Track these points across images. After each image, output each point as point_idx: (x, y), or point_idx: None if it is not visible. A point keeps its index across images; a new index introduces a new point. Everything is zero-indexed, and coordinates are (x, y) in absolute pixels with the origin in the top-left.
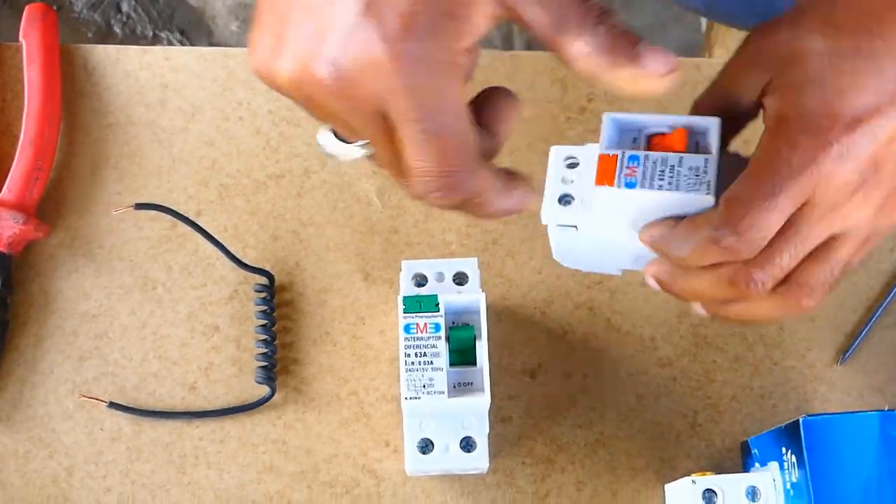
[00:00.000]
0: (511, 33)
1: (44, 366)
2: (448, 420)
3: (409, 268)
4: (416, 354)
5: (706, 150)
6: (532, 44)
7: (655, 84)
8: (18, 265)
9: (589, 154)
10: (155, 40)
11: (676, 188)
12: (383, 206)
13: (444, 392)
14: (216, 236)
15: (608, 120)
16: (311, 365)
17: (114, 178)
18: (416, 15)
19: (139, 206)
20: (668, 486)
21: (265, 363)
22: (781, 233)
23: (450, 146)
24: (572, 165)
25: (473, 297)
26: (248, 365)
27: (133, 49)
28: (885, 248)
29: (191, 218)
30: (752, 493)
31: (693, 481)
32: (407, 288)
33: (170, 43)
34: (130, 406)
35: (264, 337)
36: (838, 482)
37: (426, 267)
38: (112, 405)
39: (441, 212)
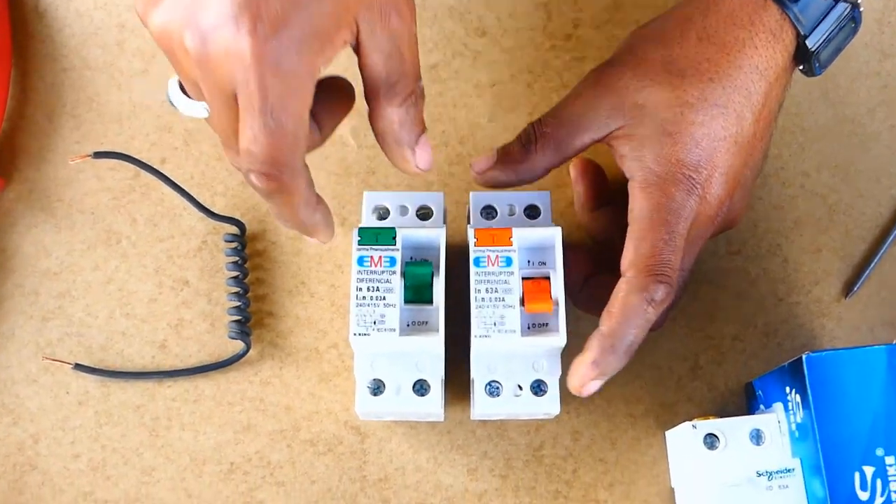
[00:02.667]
0: None
1: (4, 328)
2: (401, 361)
3: (370, 199)
4: (368, 289)
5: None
6: None
7: (415, 172)
8: None
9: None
10: None
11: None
12: (359, 146)
13: (395, 329)
14: (182, 185)
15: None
16: (287, 317)
17: (71, 125)
18: (288, 23)
19: (99, 155)
20: (669, 433)
21: (239, 317)
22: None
23: (283, 144)
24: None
25: (433, 231)
26: (221, 320)
27: None
28: (895, 172)
29: (154, 166)
30: (757, 436)
31: (693, 426)
32: (367, 220)
33: None
34: (97, 367)
35: (237, 289)
36: (845, 421)
37: (389, 199)
38: (78, 367)
39: None
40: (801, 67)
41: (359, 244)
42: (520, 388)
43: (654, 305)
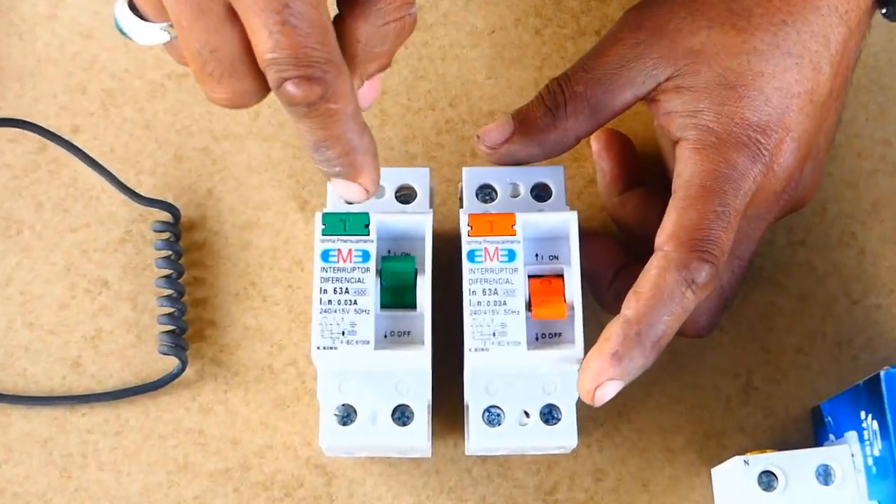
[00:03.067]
0: None
1: None
2: (377, 381)
3: None
4: (335, 291)
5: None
6: None
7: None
8: None
9: None
10: None
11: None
12: None
13: (369, 342)
14: (99, 160)
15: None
16: (232, 328)
17: None
18: None
19: None
20: (715, 471)
21: (172, 327)
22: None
23: (313, 33)
24: None
25: (417, 217)
26: (150, 331)
27: None
28: None
29: (65, 136)
30: (825, 473)
31: (746, 462)
32: (334, 204)
33: None
34: None
35: (169, 292)
36: None
37: None
38: None
39: (401, 115)
40: (883, 11)
41: (323, 234)
42: (526, 415)
43: (694, 289)
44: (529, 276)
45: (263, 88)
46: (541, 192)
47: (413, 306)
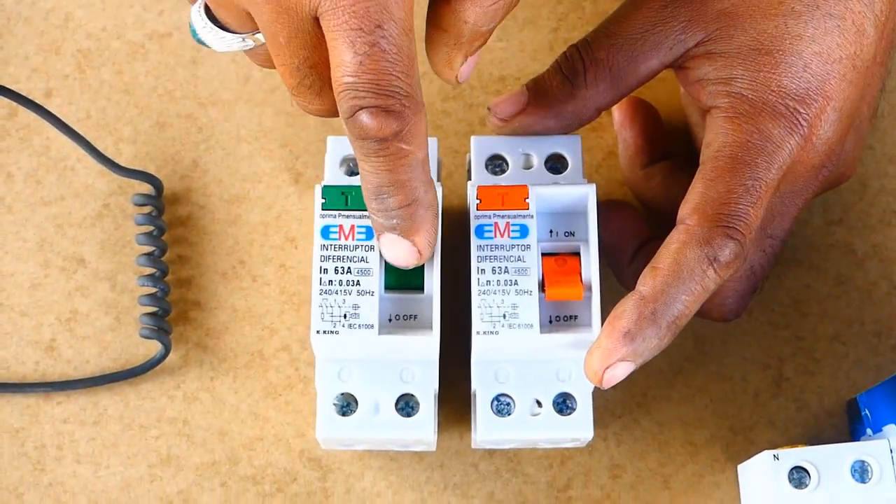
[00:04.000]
0: None
1: None
2: (380, 369)
3: (336, 147)
4: (336, 270)
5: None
6: None
7: (453, 82)
8: None
9: None
10: None
11: None
12: None
13: (373, 326)
14: (75, 126)
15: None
16: (219, 310)
17: None
18: None
19: None
20: (742, 467)
21: (154, 309)
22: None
23: (399, 61)
24: None
25: None
26: (130, 312)
27: None
28: None
29: (37, 101)
30: (861, 469)
31: (776, 457)
32: (333, 176)
33: None
34: None
35: (151, 271)
36: None
37: None
38: None
39: None
40: None
41: (323, 208)
42: (539, 404)
43: (716, 268)
44: (543, 254)
45: None
46: (556, 164)
47: (420, 288)
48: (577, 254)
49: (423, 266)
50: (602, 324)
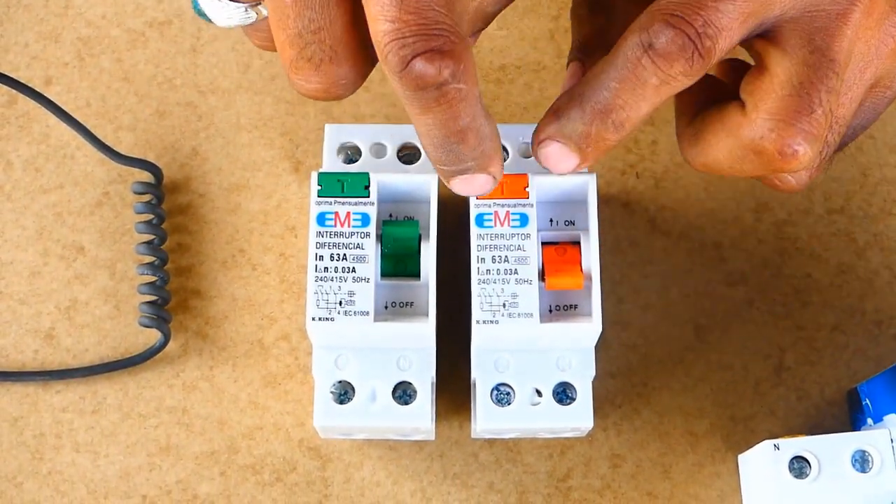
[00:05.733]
0: None
1: None
2: (376, 356)
3: (334, 135)
4: (331, 257)
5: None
6: None
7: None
8: None
9: None
10: None
11: None
12: None
13: (368, 313)
14: (74, 114)
15: None
16: (219, 298)
17: None
18: None
19: None
20: (743, 457)
21: (153, 297)
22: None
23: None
24: None
25: (421, 178)
26: (129, 301)
27: None
28: None
29: (36, 89)
30: (861, 459)
31: (776, 447)
32: (331, 163)
33: None
34: None
35: (150, 259)
36: None
37: (360, 134)
38: None
39: None
40: None
41: (319, 195)
42: (539, 393)
43: (652, 55)
44: (543, 243)
45: (361, 76)
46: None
47: (416, 275)
48: (577, 243)
49: (419, 253)
50: (602, 313)
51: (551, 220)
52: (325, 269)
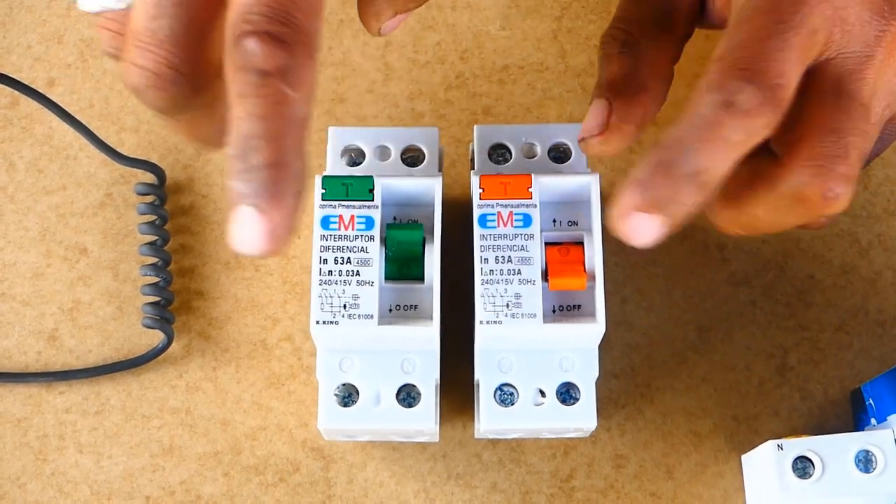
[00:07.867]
0: None
1: None
2: (381, 359)
3: (338, 137)
4: (335, 261)
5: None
6: None
7: (375, 33)
8: None
9: None
10: None
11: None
12: (321, 63)
13: (373, 316)
14: (77, 116)
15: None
16: (222, 299)
17: None
18: None
19: None
20: (746, 457)
21: (156, 298)
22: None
23: None
24: None
25: (425, 181)
26: (132, 302)
27: None
28: None
29: (39, 90)
30: (865, 459)
31: (779, 447)
32: (334, 166)
33: None
34: None
35: (153, 260)
36: None
37: (364, 137)
38: None
39: (407, 69)
40: None
41: (323, 198)
42: (542, 394)
43: (733, 114)
44: (546, 244)
45: (196, 78)
46: (559, 153)
47: (420, 278)
48: (581, 243)
49: (423, 256)
50: (605, 313)
51: (554, 221)
52: (329, 272)
